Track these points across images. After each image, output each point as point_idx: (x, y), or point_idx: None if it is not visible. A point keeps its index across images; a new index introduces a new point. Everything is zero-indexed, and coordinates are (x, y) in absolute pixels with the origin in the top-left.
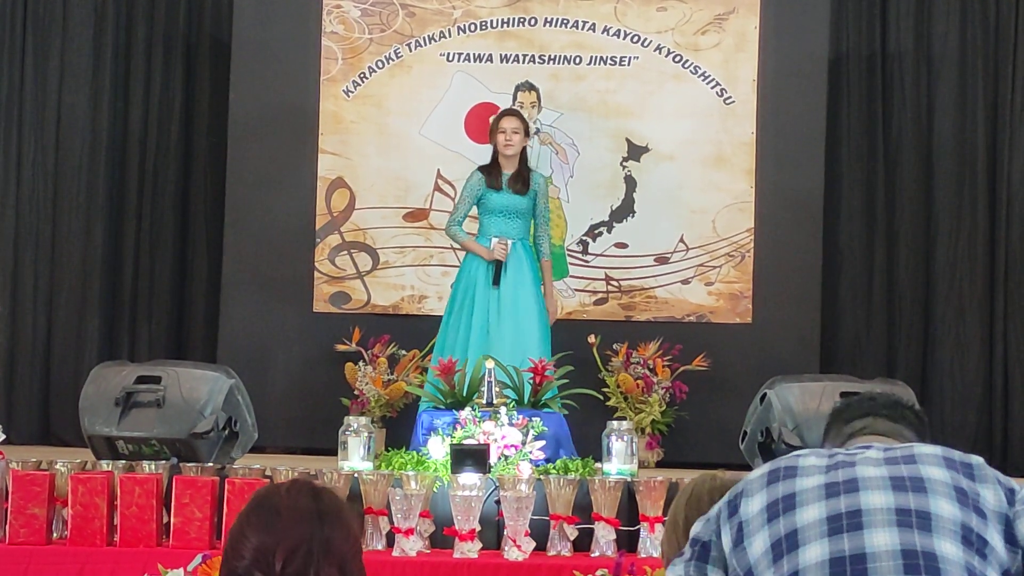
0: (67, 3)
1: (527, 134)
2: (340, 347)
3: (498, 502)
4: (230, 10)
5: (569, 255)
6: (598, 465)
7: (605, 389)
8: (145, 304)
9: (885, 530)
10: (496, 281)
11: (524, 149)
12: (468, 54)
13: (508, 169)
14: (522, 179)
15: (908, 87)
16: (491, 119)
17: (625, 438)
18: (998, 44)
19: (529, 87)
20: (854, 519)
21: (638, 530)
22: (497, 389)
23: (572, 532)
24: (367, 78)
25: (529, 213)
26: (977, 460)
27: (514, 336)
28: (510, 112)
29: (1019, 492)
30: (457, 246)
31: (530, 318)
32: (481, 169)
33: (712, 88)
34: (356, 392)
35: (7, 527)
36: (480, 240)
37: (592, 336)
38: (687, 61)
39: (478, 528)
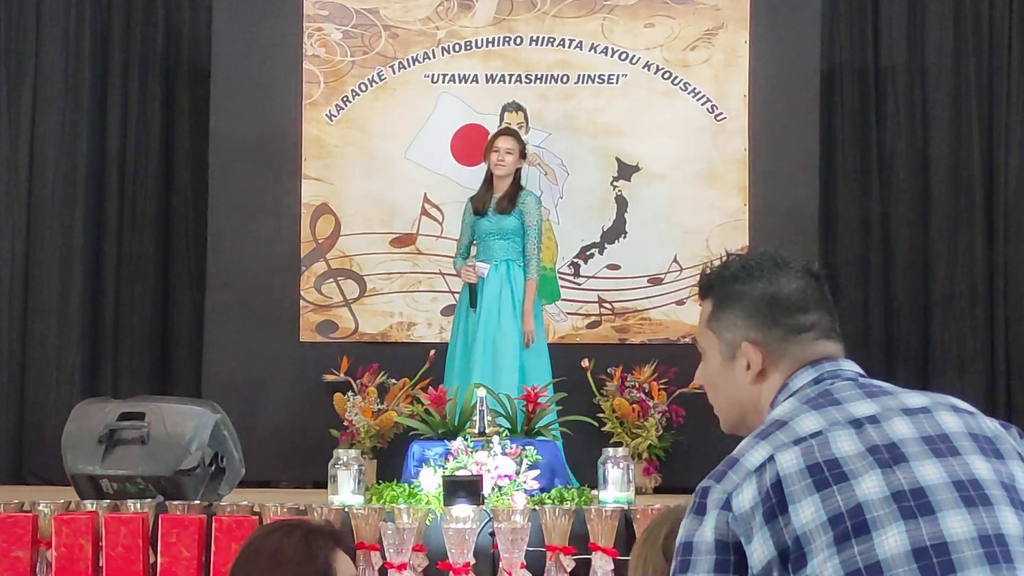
0: (40, 30)
1: (523, 155)
2: (328, 377)
3: (492, 534)
4: (208, 34)
5: (560, 278)
6: (594, 493)
7: (600, 415)
8: (127, 337)
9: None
10: (472, 303)
11: (518, 171)
12: (453, 75)
13: (499, 191)
14: (509, 199)
15: (902, 99)
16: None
17: (621, 465)
18: (992, 53)
19: (516, 107)
20: (943, 555)
21: None
22: (489, 418)
23: (569, 563)
24: (350, 101)
25: (518, 233)
26: (990, 427)
27: (491, 360)
28: (506, 132)
29: None
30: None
31: (506, 342)
32: (472, 198)
33: (703, 104)
34: (345, 423)
35: None
36: None
37: (586, 360)
38: (676, 78)
39: (473, 561)
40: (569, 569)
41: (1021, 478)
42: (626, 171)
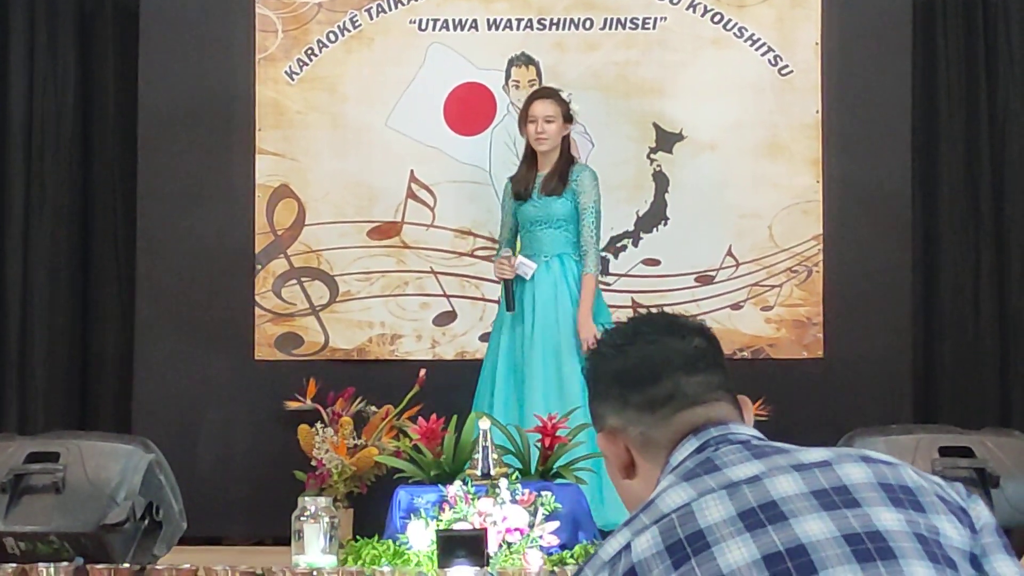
0: None
1: (568, 119)
2: (291, 405)
3: None
4: None
5: None
6: None
7: None
8: (36, 358)
9: None
10: (509, 306)
11: (567, 139)
12: (446, 20)
13: (545, 167)
14: (560, 177)
15: (1019, 40)
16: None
17: None
18: None
19: (526, 61)
20: None
21: None
22: (495, 456)
23: None
24: (316, 55)
25: (571, 219)
26: (912, 478)
27: (554, 379)
28: (543, 94)
29: (973, 508)
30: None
31: (571, 355)
32: (512, 178)
33: (763, 55)
34: (313, 463)
35: None
36: None
37: None
38: (729, 21)
39: None
40: None
41: (950, 531)
42: (666, 141)
